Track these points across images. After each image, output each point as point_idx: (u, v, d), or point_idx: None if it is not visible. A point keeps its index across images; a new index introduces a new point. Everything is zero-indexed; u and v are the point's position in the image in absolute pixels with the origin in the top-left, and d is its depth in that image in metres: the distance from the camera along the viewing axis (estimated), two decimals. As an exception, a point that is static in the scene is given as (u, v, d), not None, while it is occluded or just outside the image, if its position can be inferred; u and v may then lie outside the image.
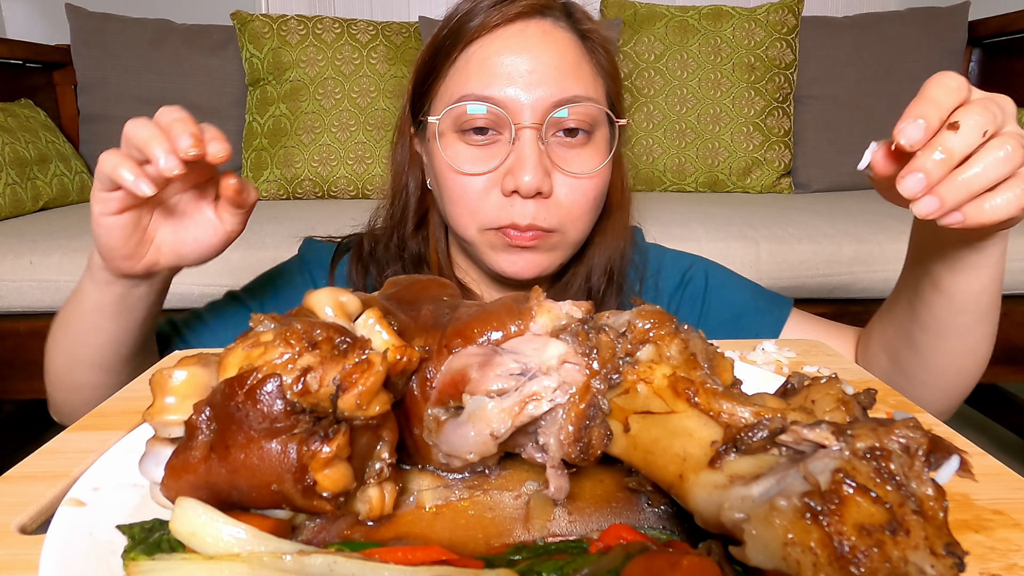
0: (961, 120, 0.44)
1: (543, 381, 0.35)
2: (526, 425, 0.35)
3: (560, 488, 0.36)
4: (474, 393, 0.35)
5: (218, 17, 2.13)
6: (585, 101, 0.69)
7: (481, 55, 0.69)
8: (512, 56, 0.68)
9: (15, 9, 2.33)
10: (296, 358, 0.32)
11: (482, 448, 0.35)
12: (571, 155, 0.71)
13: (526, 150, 0.67)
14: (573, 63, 0.70)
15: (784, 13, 2.04)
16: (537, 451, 0.37)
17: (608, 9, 2.13)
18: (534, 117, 0.68)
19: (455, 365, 0.37)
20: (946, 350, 0.65)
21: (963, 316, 0.62)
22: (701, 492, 0.30)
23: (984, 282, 0.59)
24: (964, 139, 0.44)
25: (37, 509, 0.38)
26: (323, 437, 0.32)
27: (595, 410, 0.35)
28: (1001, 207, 0.45)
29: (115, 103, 2.01)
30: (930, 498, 0.25)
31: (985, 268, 0.58)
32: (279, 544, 0.31)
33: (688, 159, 2.05)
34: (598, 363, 0.35)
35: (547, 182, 0.68)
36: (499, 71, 0.68)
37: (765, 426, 0.30)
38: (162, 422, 0.34)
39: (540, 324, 0.38)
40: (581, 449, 0.34)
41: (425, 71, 0.75)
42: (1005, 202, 0.45)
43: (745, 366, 0.54)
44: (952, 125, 0.44)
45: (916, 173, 0.44)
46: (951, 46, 2.12)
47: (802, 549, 0.25)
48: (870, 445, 0.26)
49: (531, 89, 0.67)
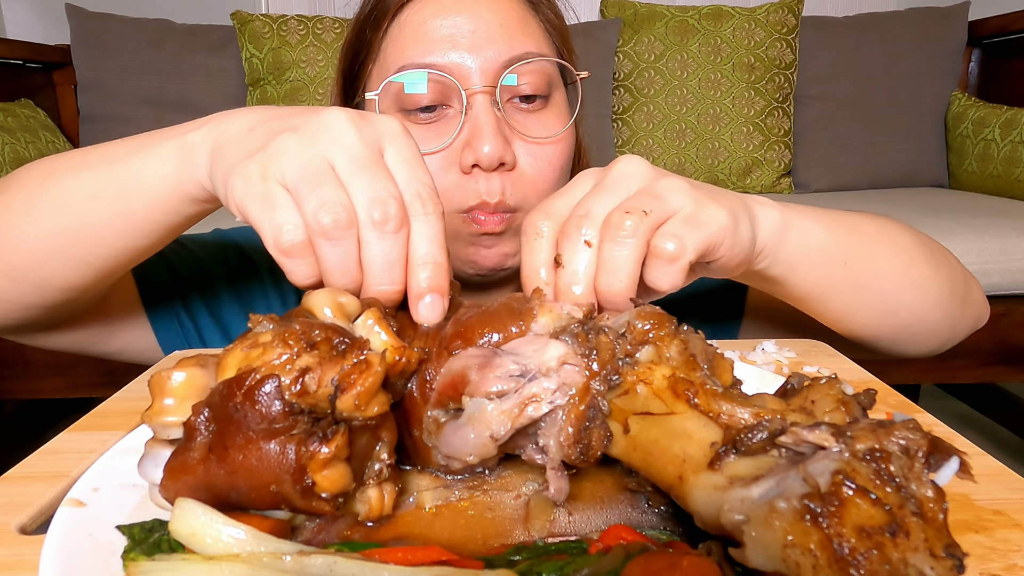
0: (564, 253, 0.42)
1: (543, 383, 0.35)
2: (526, 427, 0.35)
3: (560, 490, 0.36)
4: (474, 395, 0.35)
5: (218, 17, 2.14)
6: (538, 58, 0.63)
7: (415, 20, 0.62)
8: (451, 17, 0.61)
9: (15, 9, 2.33)
10: (294, 359, 0.32)
11: (482, 450, 0.35)
12: (530, 120, 0.64)
13: (481, 118, 0.60)
14: (519, 19, 0.64)
15: (784, 13, 2.04)
16: (537, 453, 0.37)
17: (608, 9, 2.13)
18: (485, 80, 0.61)
19: (454, 367, 0.37)
20: (862, 322, 0.60)
21: (838, 301, 0.57)
22: (701, 493, 0.30)
23: (809, 274, 0.54)
24: (574, 269, 0.41)
25: (37, 509, 0.38)
26: (322, 438, 0.32)
27: (595, 411, 0.35)
28: (615, 269, 0.41)
29: (115, 103, 2.02)
30: (930, 500, 0.25)
31: (784, 270, 0.52)
32: (279, 545, 0.31)
33: (688, 159, 2.05)
34: (598, 364, 0.35)
35: (509, 151, 0.61)
36: (438, 34, 0.61)
37: (765, 427, 0.30)
38: (161, 423, 0.34)
39: (542, 324, 0.38)
40: (581, 451, 0.34)
41: (353, 52, 0.68)
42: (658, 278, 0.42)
43: (745, 366, 0.54)
44: (557, 261, 0.43)
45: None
46: (951, 46, 2.13)
47: (802, 551, 0.25)
48: (870, 447, 0.26)
49: (477, 50, 0.61)
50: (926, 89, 2.11)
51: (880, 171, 2.07)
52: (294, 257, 0.39)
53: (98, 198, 0.50)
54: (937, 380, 1.64)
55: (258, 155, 0.40)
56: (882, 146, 2.09)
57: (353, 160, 0.39)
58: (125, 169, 0.49)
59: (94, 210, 0.50)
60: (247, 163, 0.40)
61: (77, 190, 0.50)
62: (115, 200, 0.50)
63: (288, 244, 0.38)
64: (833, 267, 0.54)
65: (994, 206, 1.73)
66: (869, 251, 0.56)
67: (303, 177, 0.39)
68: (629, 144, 2.07)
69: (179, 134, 0.47)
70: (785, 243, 0.51)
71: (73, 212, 0.51)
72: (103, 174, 0.50)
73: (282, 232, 0.38)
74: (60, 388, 1.52)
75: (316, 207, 0.38)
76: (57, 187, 0.51)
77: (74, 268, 0.53)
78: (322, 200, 0.38)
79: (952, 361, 1.56)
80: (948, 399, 2.18)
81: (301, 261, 0.39)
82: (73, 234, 0.51)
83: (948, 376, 1.58)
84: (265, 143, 0.41)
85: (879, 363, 0.70)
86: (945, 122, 2.12)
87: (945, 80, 2.12)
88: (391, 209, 0.38)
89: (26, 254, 0.52)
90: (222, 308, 0.76)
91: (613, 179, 0.44)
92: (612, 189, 0.43)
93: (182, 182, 0.47)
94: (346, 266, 0.39)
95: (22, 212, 0.52)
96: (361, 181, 0.39)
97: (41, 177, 0.52)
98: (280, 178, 0.39)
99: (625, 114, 2.09)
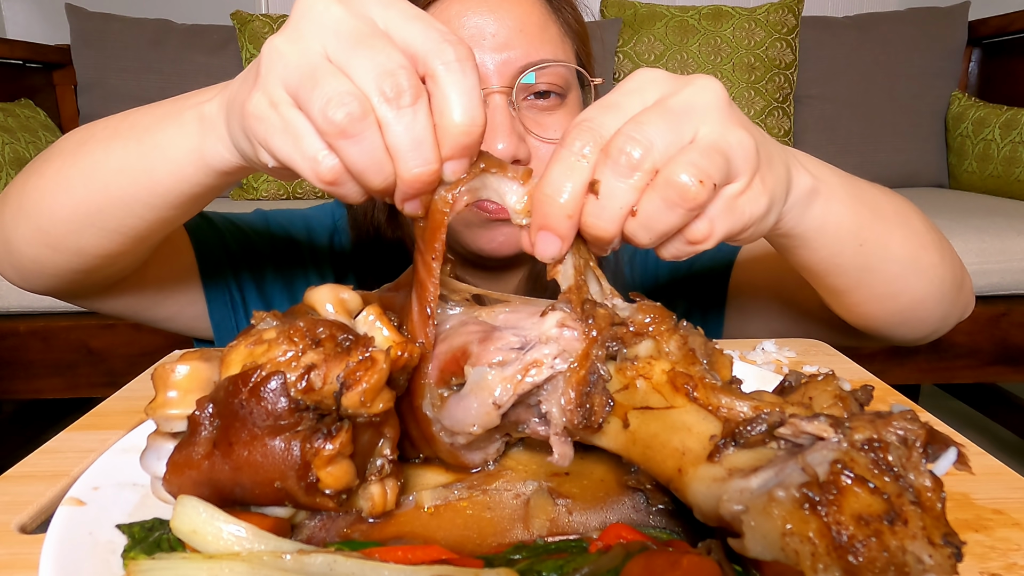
0: (603, 177, 0.35)
1: (543, 349, 0.35)
2: (527, 396, 0.35)
3: (564, 455, 0.36)
4: (475, 366, 0.36)
5: (218, 17, 2.14)
6: (554, 64, 0.65)
7: (441, 19, 0.63)
8: (474, 18, 0.64)
9: (15, 9, 2.33)
10: (300, 356, 0.32)
11: (485, 419, 0.35)
12: (544, 119, 0.67)
13: (497, 116, 0.62)
14: (539, 24, 0.66)
15: (784, 13, 2.05)
16: (540, 424, 0.36)
17: (608, 9, 2.13)
18: (502, 81, 0.63)
19: (455, 342, 0.37)
20: (858, 301, 0.58)
21: (840, 277, 0.55)
22: (700, 486, 0.30)
23: (829, 247, 0.51)
24: (609, 204, 0.35)
25: (37, 509, 0.38)
26: (326, 434, 0.32)
27: (595, 376, 0.34)
28: (651, 218, 0.36)
29: (115, 103, 2.01)
30: (928, 489, 0.25)
31: (818, 236, 0.50)
32: (279, 543, 0.31)
33: (688, 159, 2.04)
34: (596, 332, 0.35)
35: (523, 148, 0.64)
36: (461, 34, 0.63)
37: (764, 420, 0.30)
38: (164, 416, 0.34)
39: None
40: (583, 415, 0.34)
41: None
42: (679, 250, 0.38)
43: (744, 365, 0.54)
44: (593, 187, 0.35)
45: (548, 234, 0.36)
46: (951, 46, 2.13)
47: (800, 539, 0.25)
48: (868, 437, 0.26)
49: (497, 52, 0.63)
50: (926, 89, 2.11)
51: (880, 171, 2.07)
52: (341, 184, 0.36)
53: (124, 171, 0.50)
54: (937, 380, 1.64)
55: (257, 82, 0.37)
56: (882, 146, 2.09)
57: (344, 39, 0.35)
58: (152, 140, 0.49)
59: (122, 182, 0.51)
60: (251, 96, 0.37)
61: (105, 162, 0.51)
62: (141, 174, 0.50)
63: (330, 173, 0.35)
64: (846, 245, 0.52)
65: (994, 206, 1.73)
66: (885, 234, 0.54)
67: (299, 79, 0.35)
68: (629, 144, 2.07)
69: (197, 103, 0.46)
70: (806, 216, 0.49)
71: (101, 184, 0.51)
72: (132, 145, 0.50)
73: (318, 162, 0.35)
74: (60, 388, 1.52)
75: (322, 107, 0.33)
76: (87, 158, 0.52)
77: (108, 237, 0.54)
78: (325, 96, 0.33)
79: (952, 361, 1.56)
80: (948, 399, 2.18)
81: (350, 184, 0.36)
82: (102, 205, 0.52)
83: (948, 376, 1.58)
84: (258, 66, 0.37)
85: (879, 363, 0.69)
86: (945, 122, 2.12)
87: (945, 80, 2.12)
88: (402, 79, 0.33)
89: (61, 223, 0.54)
90: (267, 286, 0.78)
91: (685, 105, 0.37)
92: (681, 122, 0.36)
93: (205, 155, 0.46)
94: (377, 161, 0.34)
95: (55, 183, 0.53)
96: (360, 59, 0.34)
97: (73, 148, 0.54)
98: (284, 93, 0.36)
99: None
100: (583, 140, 0.36)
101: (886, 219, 0.55)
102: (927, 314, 0.61)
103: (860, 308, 0.60)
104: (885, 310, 0.60)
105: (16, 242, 0.57)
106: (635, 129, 0.35)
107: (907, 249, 0.56)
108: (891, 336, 0.64)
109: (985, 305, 1.48)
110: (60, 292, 0.63)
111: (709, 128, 0.37)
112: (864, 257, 0.54)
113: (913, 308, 0.60)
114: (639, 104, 0.37)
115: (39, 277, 0.59)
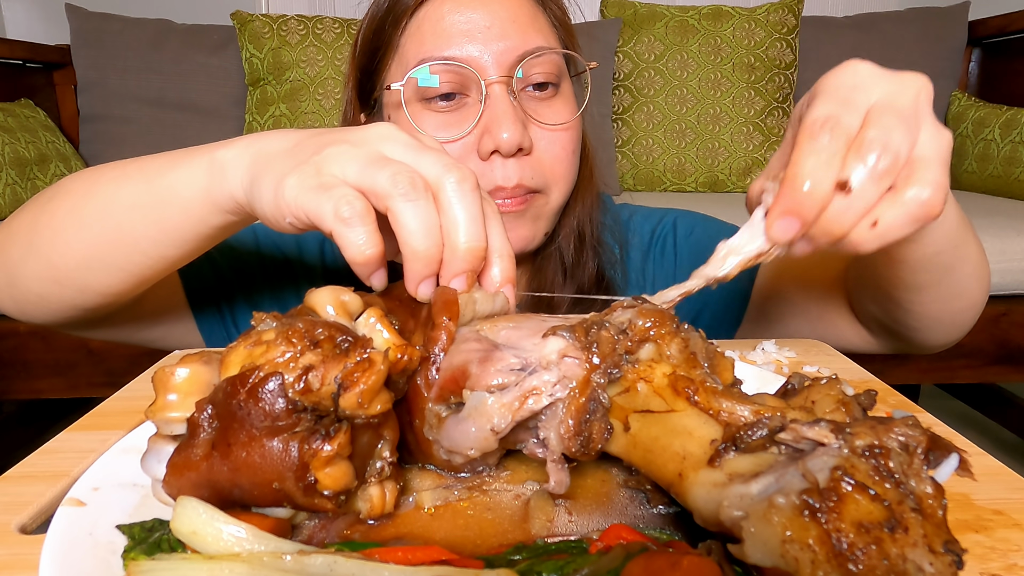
0: (852, 176, 0.37)
1: (543, 376, 0.35)
2: (527, 420, 0.35)
3: (560, 482, 0.36)
4: (474, 388, 0.36)
5: (218, 17, 2.14)
6: (549, 52, 0.68)
7: (434, 16, 0.67)
8: (467, 13, 0.66)
9: (15, 9, 2.33)
10: (298, 357, 0.32)
11: (483, 444, 0.35)
12: (543, 108, 0.69)
13: (500, 106, 0.65)
14: (529, 15, 0.68)
15: (784, 13, 2.04)
16: (538, 446, 0.37)
17: (608, 9, 2.13)
18: (501, 71, 0.65)
19: (455, 361, 0.37)
20: (927, 300, 0.59)
21: (926, 274, 0.56)
22: (700, 490, 0.30)
23: (936, 244, 0.53)
24: (856, 205, 0.37)
25: (37, 509, 0.38)
26: (324, 436, 0.32)
27: (595, 404, 0.34)
28: (890, 230, 0.38)
29: (115, 103, 2.01)
30: (929, 496, 0.25)
31: (930, 234, 0.51)
32: (279, 544, 0.31)
33: (688, 159, 2.05)
34: (598, 358, 0.35)
35: (526, 136, 0.66)
36: (456, 29, 0.65)
37: (764, 424, 0.30)
38: (164, 419, 0.34)
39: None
40: (581, 443, 0.34)
41: (371, 48, 0.72)
42: (889, 226, 0.39)
43: (745, 366, 0.54)
44: (843, 185, 0.37)
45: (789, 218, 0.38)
46: (951, 46, 2.13)
47: (800, 546, 0.25)
48: (869, 443, 0.26)
49: (493, 43, 0.65)
50: (926, 89, 2.10)
51: (880, 171, 2.06)
52: (354, 225, 0.38)
53: (136, 208, 0.53)
54: (937, 380, 1.64)
55: (312, 160, 0.41)
56: (882, 146, 2.08)
57: (412, 147, 0.41)
58: (161, 181, 0.52)
59: (133, 218, 0.53)
60: (301, 168, 0.41)
61: (117, 200, 0.54)
62: (151, 210, 0.52)
63: (348, 212, 0.38)
64: (948, 243, 0.53)
65: (994, 206, 1.72)
66: (971, 237, 0.56)
67: (366, 166, 0.39)
68: (629, 144, 2.07)
69: (210, 151, 0.50)
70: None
71: (114, 221, 0.54)
72: (142, 186, 0.53)
73: (341, 201, 0.38)
74: (60, 388, 1.52)
75: (391, 175, 0.38)
76: (100, 197, 0.55)
77: (115, 275, 0.56)
78: (395, 171, 0.38)
79: (952, 361, 1.56)
80: (948, 399, 2.18)
81: (361, 228, 0.38)
82: (113, 241, 0.54)
83: (948, 376, 1.59)
84: (315, 153, 0.41)
85: (879, 363, 0.69)
86: (945, 122, 2.12)
87: (945, 80, 2.12)
88: (466, 172, 0.40)
89: (72, 260, 0.56)
90: (258, 302, 0.78)
91: (911, 109, 0.39)
92: (911, 127, 0.38)
93: (213, 194, 0.49)
94: (428, 225, 0.39)
95: (69, 220, 0.55)
96: (427, 158, 0.40)
97: (85, 188, 0.56)
98: (337, 175, 0.40)
99: (625, 114, 2.09)
100: (834, 136, 0.37)
101: (968, 223, 0.56)
102: (972, 317, 0.63)
103: (925, 307, 0.60)
104: (945, 310, 0.60)
105: (22, 278, 0.59)
106: (883, 134, 0.37)
107: (979, 254, 0.58)
108: (927, 336, 0.64)
109: (985, 305, 1.48)
110: (56, 324, 0.64)
111: (928, 135, 0.39)
112: (954, 257, 0.55)
113: (966, 311, 0.62)
114: (864, 102, 0.39)
115: (39, 311, 0.61)
